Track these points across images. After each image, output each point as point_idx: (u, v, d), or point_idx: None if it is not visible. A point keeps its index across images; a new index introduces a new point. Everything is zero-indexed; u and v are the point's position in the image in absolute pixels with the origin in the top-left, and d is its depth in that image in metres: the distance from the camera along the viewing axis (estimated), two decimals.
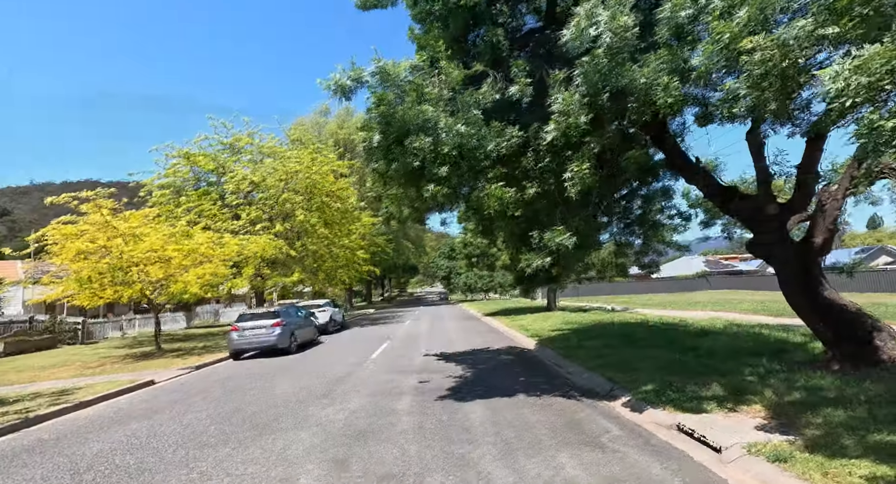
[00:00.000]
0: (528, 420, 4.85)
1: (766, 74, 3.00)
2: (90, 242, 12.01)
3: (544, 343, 11.55)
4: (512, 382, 7.05)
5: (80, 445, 4.95)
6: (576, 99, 4.53)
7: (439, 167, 5.26)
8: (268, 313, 12.11)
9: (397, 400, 6.08)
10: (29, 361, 14.34)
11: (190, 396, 7.22)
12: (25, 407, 6.99)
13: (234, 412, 5.91)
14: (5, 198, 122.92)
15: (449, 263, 51.61)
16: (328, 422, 5.18)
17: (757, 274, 57.74)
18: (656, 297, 37.73)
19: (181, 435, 5.03)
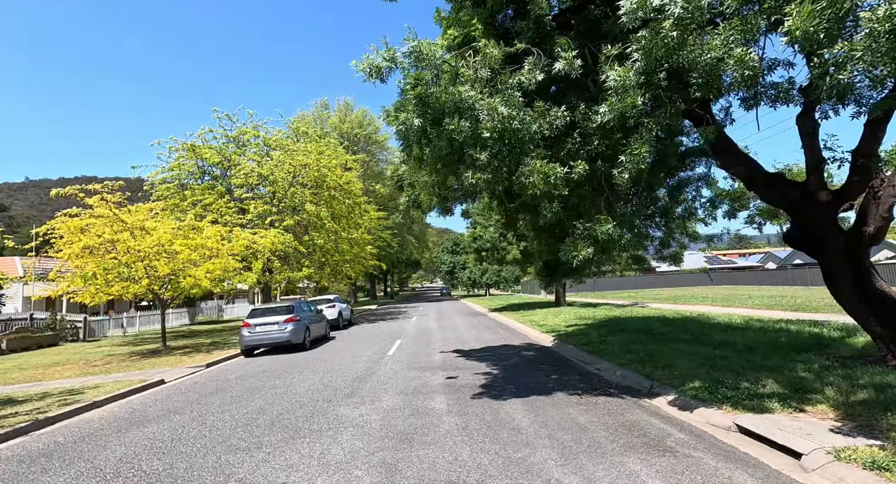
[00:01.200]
0: (577, 421, 4.56)
1: None
2: (97, 236, 11.63)
3: (562, 339, 11.27)
4: (544, 380, 6.77)
5: (100, 448, 4.64)
6: (632, 76, 4.18)
7: (480, 151, 4.93)
8: (280, 308, 11.77)
9: (431, 399, 5.79)
10: (32, 358, 14.00)
11: (206, 396, 6.91)
12: (35, 407, 6.68)
13: (259, 413, 5.60)
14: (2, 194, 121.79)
15: (452, 258, 51.32)
16: (364, 423, 4.88)
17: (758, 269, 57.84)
18: (662, 291, 37.57)
19: (208, 438, 4.72)
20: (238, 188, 17.85)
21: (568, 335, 11.65)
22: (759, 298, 21.30)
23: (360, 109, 40.61)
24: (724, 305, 19.18)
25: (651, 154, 4.37)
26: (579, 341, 10.44)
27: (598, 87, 5.22)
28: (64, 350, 16.17)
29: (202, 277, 12.52)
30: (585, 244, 5.25)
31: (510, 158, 5.20)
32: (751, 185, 6.48)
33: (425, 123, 5.04)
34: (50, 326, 18.87)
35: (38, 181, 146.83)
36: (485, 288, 50.96)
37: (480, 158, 4.93)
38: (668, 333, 10.28)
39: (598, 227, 5.07)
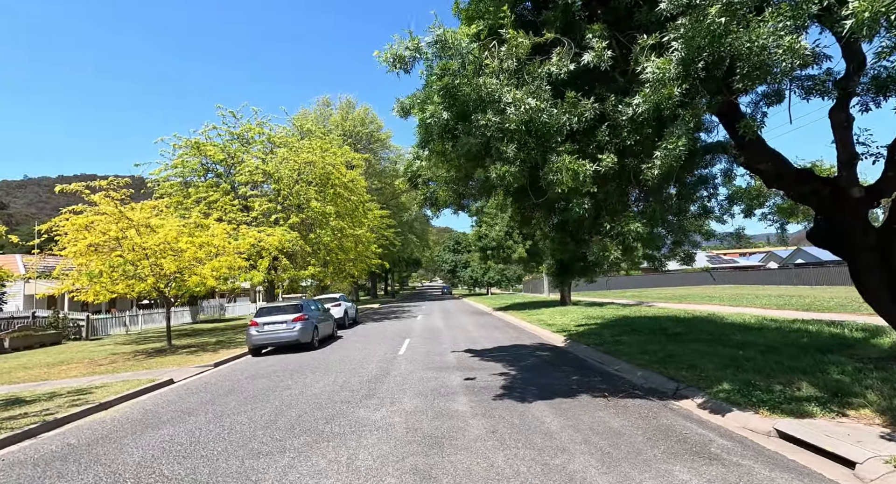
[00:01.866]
0: (610, 425, 4.41)
1: None
2: (102, 233, 11.45)
3: (574, 339, 11.13)
4: (565, 381, 6.62)
5: (117, 451, 4.48)
6: (672, 67, 4.02)
7: (507, 144, 4.76)
8: (289, 307, 11.61)
9: (452, 400, 5.64)
10: (35, 357, 13.83)
11: (220, 397, 6.75)
12: (44, 408, 6.51)
13: (277, 415, 5.45)
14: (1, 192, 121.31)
15: (454, 256, 51.17)
16: (387, 426, 4.73)
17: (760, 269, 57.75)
18: (665, 290, 37.46)
19: (228, 441, 4.56)
20: (243, 186, 17.65)
21: (580, 335, 11.50)
22: (766, 298, 21.18)
23: (363, 107, 40.41)
24: (731, 304, 19.05)
25: (687, 148, 4.20)
26: (592, 341, 10.30)
27: (628, 79, 5.06)
28: (67, 349, 16.01)
29: (208, 276, 12.36)
30: (615, 243, 5.09)
31: (536, 152, 5.04)
32: (779, 182, 6.31)
33: (452, 116, 4.87)
34: (53, 325, 18.70)
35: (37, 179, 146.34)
36: (486, 287, 50.86)
37: (508, 151, 4.76)
38: (684, 333, 10.14)
39: (628, 224, 4.91)
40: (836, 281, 32.99)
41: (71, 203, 12.48)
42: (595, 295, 34.13)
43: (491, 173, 4.79)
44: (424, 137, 8.36)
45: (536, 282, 47.66)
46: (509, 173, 4.76)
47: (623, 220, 4.90)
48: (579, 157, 4.77)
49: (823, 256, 51.69)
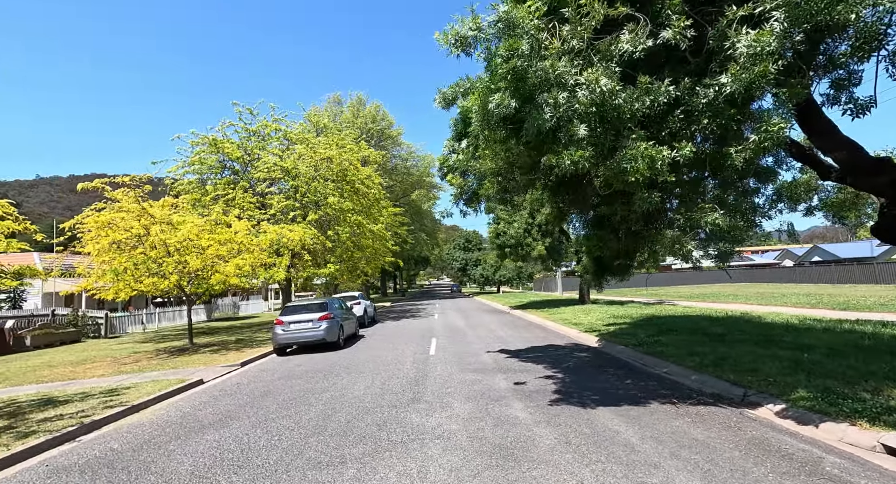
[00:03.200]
0: (693, 436, 4.07)
1: None
2: (125, 230, 11.30)
3: (607, 339, 10.76)
4: (617, 385, 6.28)
5: (165, 458, 4.23)
6: (772, 40, 3.64)
7: (578, 127, 4.41)
8: (314, 306, 11.37)
9: (507, 406, 5.33)
10: (57, 355, 13.77)
11: (257, 399, 6.51)
12: (79, 409, 6.32)
13: (324, 420, 5.18)
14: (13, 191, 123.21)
15: (465, 254, 50.84)
16: (447, 434, 4.43)
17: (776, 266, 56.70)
18: (682, 289, 36.82)
19: (280, 449, 4.29)
20: (260, 183, 17.46)
21: (612, 335, 11.13)
22: (793, 296, 20.59)
23: (374, 104, 40.14)
24: (759, 303, 18.52)
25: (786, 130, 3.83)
26: (629, 342, 9.92)
27: (705, 58, 4.68)
28: (88, 347, 15.96)
29: (231, 273, 12.17)
30: (690, 236, 4.73)
31: (605, 138, 4.69)
32: (852, 172, 5.90)
33: (519, 101, 4.53)
34: (72, 323, 18.71)
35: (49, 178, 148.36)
36: (497, 285, 50.49)
37: (578, 133, 4.41)
38: (726, 333, 9.73)
39: (705, 216, 4.55)
40: (859, 279, 32.16)
41: (84, 202, 12.36)
42: (611, 293, 33.60)
43: (564, 159, 4.43)
44: (459, 130, 8.01)
45: (548, 280, 47.18)
46: (583, 158, 4.41)
47: (699, 212, 4.54)
48: (653, 142, 4.42)
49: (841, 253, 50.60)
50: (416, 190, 42.23)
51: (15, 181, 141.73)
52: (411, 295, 58.22)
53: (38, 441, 4.95)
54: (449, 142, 8.65)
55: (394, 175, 38.37)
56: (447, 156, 8.56)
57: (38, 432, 5.25)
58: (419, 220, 41.82)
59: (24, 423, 5.76)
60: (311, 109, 37.50)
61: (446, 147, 8.61)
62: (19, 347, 15.81)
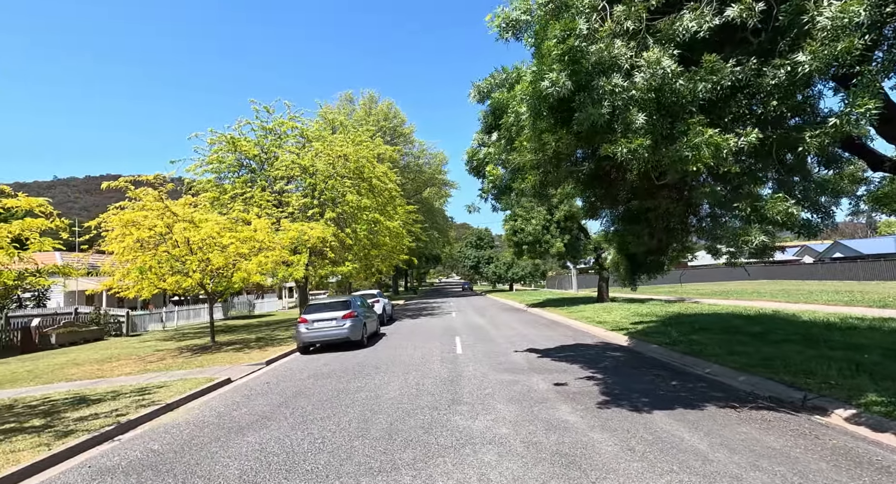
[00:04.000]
0: (769, 444, 3.80)
1: None
2: (148, 229, 11.30)
3: (638, 338, 10.46)
4: (664, 386, 6.01)
5: (209, 461, 4.10)
6: (862, 10, 3.34)
7: (636, 114, 4.15)
8: (337, 304, 11.26)
9: (553, 409, 5.10)
10: (82, 353, 13.90)
11: (291, 400, 6.38)
12: (113, 408, 6.26)
13: (365, 422, 5.01)
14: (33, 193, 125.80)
15: (477, 252, 50.58)
16: (498, 438, 4.22)
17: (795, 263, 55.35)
18: (700, 286, 36.09)
19: (327, 453, 4.13)
20: (279, 181, 17.41)
21: (642, 333, 10.82)
22: (822, 294, 19.95)
23: (386, 101, 39.99)
24: (787, 300, 17.96)
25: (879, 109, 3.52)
26: (661, 341, 9.62)
27: (770, 38, 4.38)
28: (111, 345, 16.11)
29: (253, 271, 12.12)
30: (758, 229, 4.44)
31: (661, 126, 4.42)
32: None
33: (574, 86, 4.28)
34: (94, 321, 18.94)
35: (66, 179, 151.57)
36: (509, 283, 50.17)
37: (636, 121, 4.15)
38: (766, 332, 9.36)
39: (775, 206, 4.25)
40: (886, 275, 31.15)
41: (101, 202, 12.43)
42: (626, 291, 33.00)
43: (620, 148, 4.17)
44: (489, 123, 7.74)
45: (562, 278, 46.68)
46: (641, 147, 4.14)
47: (773, 202, 4.23)
48: (721, 131, 4.14)
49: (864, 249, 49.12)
50: (427, 187, 42.04)
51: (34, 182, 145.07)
52: (423, 293, 58.16)
53: (77, 441, 4.88)
54: (478, 135, 8.42)
55: (406, 173, 38.21)
56: (476, 149, 8.33)
57: (76, 432, 5.19)
58: (431, 217, 41.62)
59: (60, 421, 5.72)
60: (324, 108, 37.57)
61: (475, 140, 8.39)
62: (45, 345, 16.04)
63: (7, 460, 4.35)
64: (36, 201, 5.63)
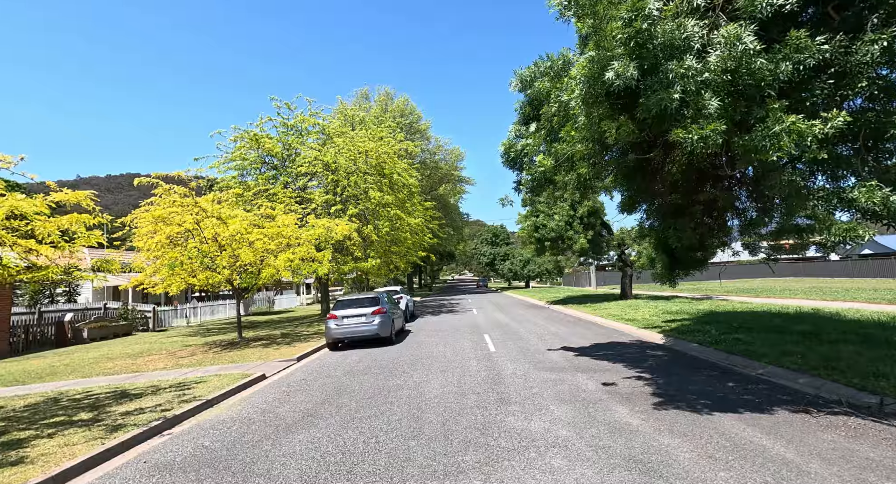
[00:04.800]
0: (864, 454, 3.52)
1: None
2: (178, 225, 11.38)
3: (674, 336, 10.11)
4: (720, 387, 5.73)
5: (265, 460, 4.01)
6: None
7: (709, 99, 3.88)
8: (365, 300, 11.19)
9: (609, 410, 4.89)
10: (114, 348, 14.16)
11: (332, 397, 6.29)
12: (156, 403, 6.27)
13: (415, 421, 4.88)
14: None
15: (493, 249, 50.23)
16: (563, 441, 4.03)
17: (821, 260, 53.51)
18: (725, 283, 35.15)
19: (384, 454, 4.00)
20: (301, 177, 17.42)
21: (678, 332, 10.46)
22: (859, 292, 19.15)
23: (402, 97, 39.82)
24: (823, 298, 17.28)
25: None
26: (701, 339, 9.27)
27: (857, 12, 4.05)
28: (140, 340, 16.40)
29: (281, 267, 12.12)
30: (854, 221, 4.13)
31: (735, 110, 4.14)
32: None
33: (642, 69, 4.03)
34: (123, 316, 19.33)
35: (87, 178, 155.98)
36: (525, 280, 49.73)
37: (710, 105, 3.88)
38: (817, 331, 8.93)
39: (868, 193, 3.92)
40: None
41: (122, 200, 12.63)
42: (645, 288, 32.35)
43: (691, 134, 3.91)
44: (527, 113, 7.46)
45: (579, 275, 46.06)
46: (715, 133, 3.87)
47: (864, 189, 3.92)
48: (805, 117, 3.84)
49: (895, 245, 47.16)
50: (443, 184, 41.82)
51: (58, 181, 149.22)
52: (438, 290, 58.10)
53: (128, 436, 4.86)
54: (515, 126, 8.19)
55: (422, 169, 38.06)
56: (513, 141, 8.10)
57: (126, 426, 5.18)
58: (447, 214, 41.41)
59: (108, 415, 5.73)
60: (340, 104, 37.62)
61: (512, 131, 8.16)
62: (77, 340, 16.42)
63: (64, 454, 4.35)
64: (83, 194, 5.63)
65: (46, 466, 4.07)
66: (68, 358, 12.25)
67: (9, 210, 4.69)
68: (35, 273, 5.76)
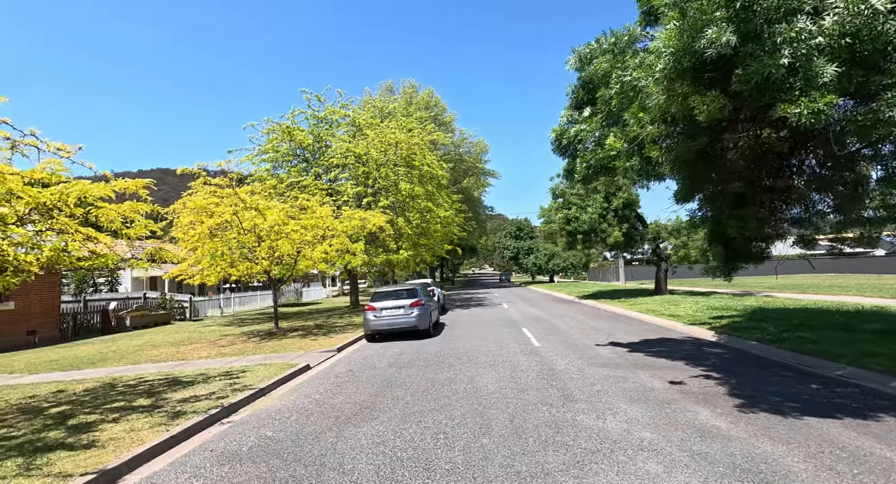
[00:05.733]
0: None
1: None
2: (219, 215, 11.51)
3: (725, 332, 9.57)
4: (802, 389, 5.28)
5: (333, 453, 3.88)
6: None
7: (824, 65, 3.45)
8: (403, 292, 11.08)
9: (688, 411, 4.55)
10: (156, 336, 14.58)
11: (384, 389, 6.16)
12: (210, 391, 6.29)
13: (480, 416, 4.67)
14: None
15: (516, 243, 49.63)
16: (649, 444, 3.74)
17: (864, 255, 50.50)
18: (762, 279, 33.58)
19: (458, 450, 3.80)
20: (335, 168, 17.43)
21: (731, 328, 9.91)
22: None
23: (426, 90, 39.47)
24: (880, 295, 16.16)
25: None
26: (759, 337, 8.72)
27: None
28: (178, 329, 16.86)
29: (318, 258, 12.13)
30: None
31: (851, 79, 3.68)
32: None
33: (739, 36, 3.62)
34: (161, 306, 19.96)
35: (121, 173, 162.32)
36: (549, 274, 48.96)
37: (825, 73, 3.45)
38: (892, 330, 8.25)
39: None
40: None
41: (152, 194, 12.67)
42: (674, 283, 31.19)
43: (800, 108, 3.49)
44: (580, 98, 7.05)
45: (605, 270, 44.99)
46: (830, 106, 3.45)
47: None
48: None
49: None
50: (467, 177, 41.41)
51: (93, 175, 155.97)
52: (460, 284, 58.00)
53: (190, 423, 4.85)
54: (567, 111, 7.79)
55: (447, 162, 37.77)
56: (565, 127, 7.71)
57: (185, 413, 5.18)
58: (471, 208, 41.05)
59: (165, 402, 5.77)
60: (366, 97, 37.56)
61: (564, 116, 7.77)
62: (120, 328, 17.03)
63: (132, 440, 4.35)
64: (142, 182, 5.64)
65: (118, 450, 4.07)
66: (115, 345, 12.66)
67: (80, 194, 4.70)
68: (94, 261, 5.81)
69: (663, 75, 4.13)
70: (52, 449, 4.15)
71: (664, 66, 4.09)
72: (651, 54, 4.44)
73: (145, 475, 3.77)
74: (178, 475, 3.70)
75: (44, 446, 4.23)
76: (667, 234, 21.28)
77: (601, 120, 6.74)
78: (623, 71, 5.97)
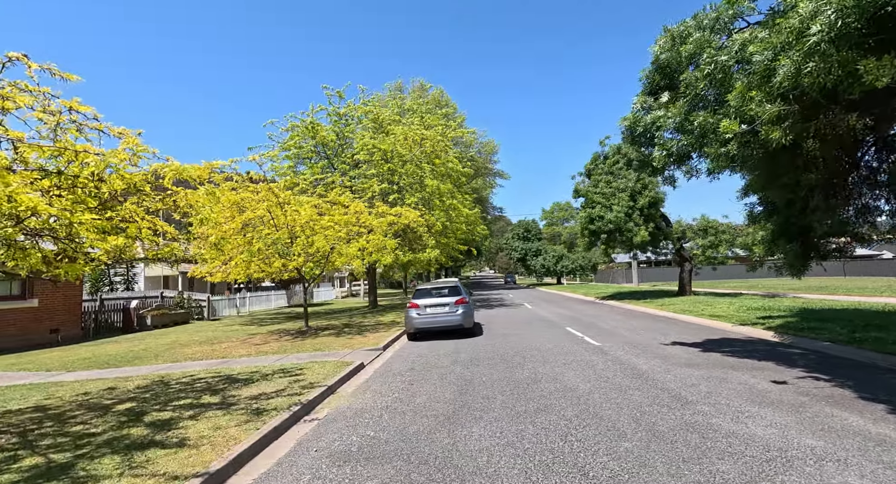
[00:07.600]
0: None
1: None
2: (251, 211, 11.12)
3: (787, 332, 9.21)
4: None
5: (460, 456, 3.49)
6: None
7: None
8: (445, 289, 10.70)
9: (831, 416, 4.19)
10: (181, 335, 14.12)
11: (466, 388, 5.77)
12: (276, 389, 5.88)
13: (596, 418, 4.29)
14: None
15: (524, 244, 49.30)
16: (823, 453, 3.37)
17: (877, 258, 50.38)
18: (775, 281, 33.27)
19: (608, 456, 3.43)
20: (362, 164, 17.08)
21: (790, 328, 9.55)
22: None
23: (437, 89, 39.10)
24: None
25: None
26: (830, 338, 8.37)
27: None
28: (200, 328, 16.40)
29: (353, 255, 11.75)
30: None
31: None
32: None
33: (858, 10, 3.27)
34: (179, 305, 19.50)
35: None
36: (557, 276, 48.62)
37: None
38: None
39: None
40: None
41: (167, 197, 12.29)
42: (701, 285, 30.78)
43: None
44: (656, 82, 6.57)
45: (614, 272, 44.69)
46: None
47: None
48: None
49: None
50: (477, 177, 41.10)
51: None
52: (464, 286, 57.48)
53: (277, 420, 4.45)
54: (641, 97, 7.45)
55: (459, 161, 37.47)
56: (639, 115, 7.37)
57: (266, 410, 4.79)
58: (482, 208, 40.75)
59: (233, 399, 5.37)
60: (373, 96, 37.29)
61: (637, 103, 7.43)
62: (141, 327, 16.57)
63: (224, 437, 3.96)
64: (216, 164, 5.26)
65: (216, 448, 3.68)
66: (142, 343, 12.22)
67: (176, 175, 4.33)
68: (159, 251, 5.44)
69: (820, 38, 3.76)
70: (145, 447, 3.76)
71: (822, 27, 3.72)
72: (791, 19, 4.08)
73: (255, 477, 3.39)
74: (296, 478, 3.31)
75: (132, 444, 3.84)
76: (692, 233, 20.97)
77: (685, 104, 6.40)
78: (717, 51, 5.64)
